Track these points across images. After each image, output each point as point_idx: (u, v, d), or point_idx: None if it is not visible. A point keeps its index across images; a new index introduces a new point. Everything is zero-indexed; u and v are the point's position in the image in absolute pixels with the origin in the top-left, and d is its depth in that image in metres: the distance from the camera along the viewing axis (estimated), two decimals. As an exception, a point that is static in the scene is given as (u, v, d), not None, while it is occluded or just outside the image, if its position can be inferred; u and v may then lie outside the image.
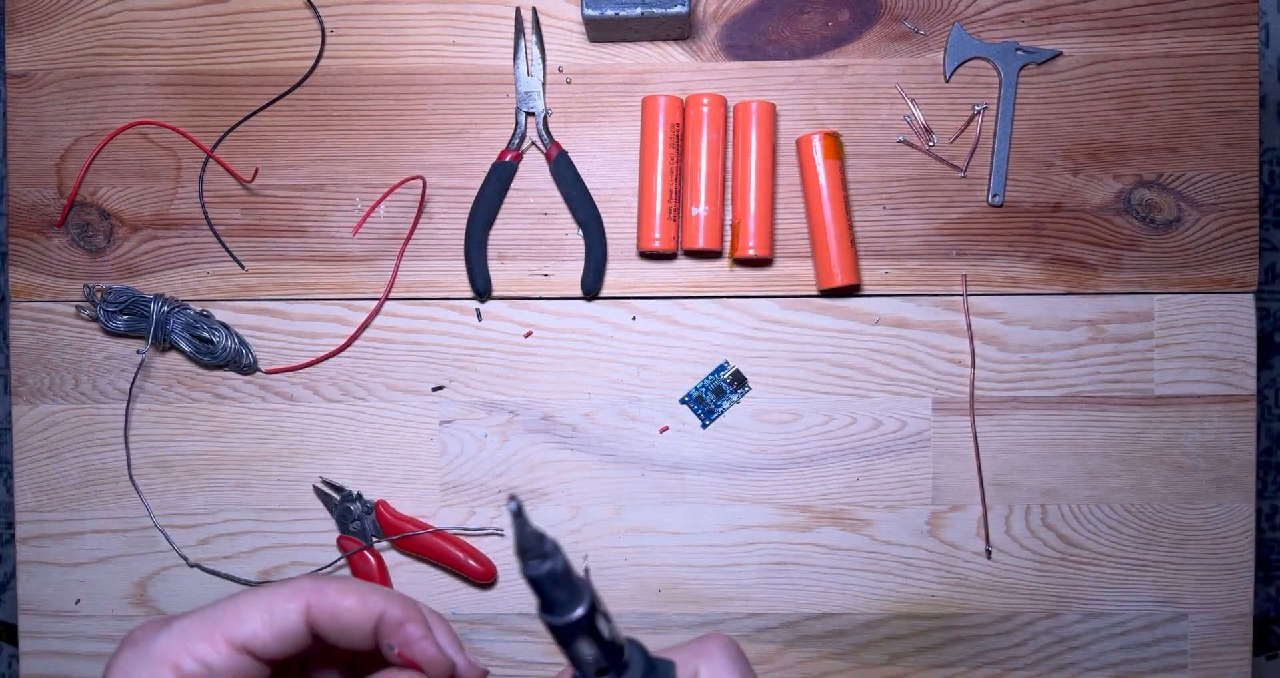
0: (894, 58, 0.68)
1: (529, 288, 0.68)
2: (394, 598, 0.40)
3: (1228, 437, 0.67)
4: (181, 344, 0.66)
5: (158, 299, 0.66)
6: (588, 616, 0.33)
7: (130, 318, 0.66)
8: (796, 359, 0.68)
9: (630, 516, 0.68)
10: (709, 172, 0.66)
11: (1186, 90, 0.67)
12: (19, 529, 0.68)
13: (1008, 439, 0.68)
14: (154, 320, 0.65)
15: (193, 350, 0.66)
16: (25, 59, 0.69)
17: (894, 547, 0.68)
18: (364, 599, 0.39)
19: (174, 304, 0.66)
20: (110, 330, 0.67)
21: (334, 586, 0.40)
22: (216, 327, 0.66)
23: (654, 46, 0.68)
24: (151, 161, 0.69)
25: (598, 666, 0.34)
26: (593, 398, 0.68)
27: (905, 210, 0.68)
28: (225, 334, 0.66)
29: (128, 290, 0.66)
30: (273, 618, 0.39)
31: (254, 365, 0.67)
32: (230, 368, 0.67)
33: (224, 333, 0.66)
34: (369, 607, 0.39)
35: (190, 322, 0.66)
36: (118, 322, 0.66)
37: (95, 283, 0.67)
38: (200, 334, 0.66)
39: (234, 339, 0.66)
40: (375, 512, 0.67)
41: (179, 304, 0.66)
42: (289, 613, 0.39)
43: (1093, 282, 0.68)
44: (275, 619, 0.39)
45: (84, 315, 0.67)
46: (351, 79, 0.68)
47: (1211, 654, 0.67)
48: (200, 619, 0.39)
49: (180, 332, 0.66)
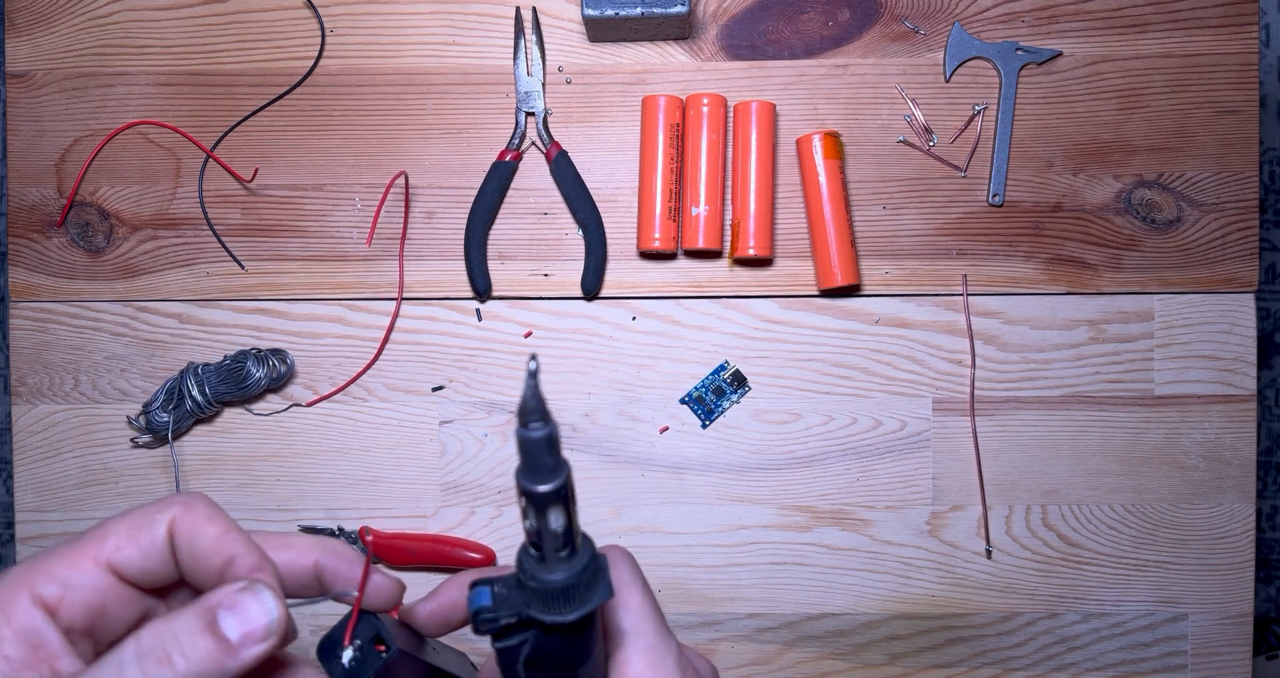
0: (894, 58, 0.68)
1: (529, 288, 0.68)
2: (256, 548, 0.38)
3: (1228, 437, 0.67)
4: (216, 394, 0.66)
5: (186, 375, 0.66)
6: (565, 486, 0.35)
7: (173, 411, 0.66)
8: (796, 359, 0.68)
9: (630, 515, 0.68)
10: (709, 172, 0.66)
11: (1186, 90, 0.67)
12: (19, 529, 0.68)
13: (1008, 439, 0.68)
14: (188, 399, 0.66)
15: (229, 393, 0.66)
16: (25, 59, 0.69)
17: (894, 547, 0.68)
18: (225, 533, 0.37)
19: (200, 372, 0.66)
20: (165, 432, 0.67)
21: (205, 510, 0.37)
22: (246, 359, 0.66)
23: (654, 46, 0.68)
24: (151, 162, 0.69)
25: (560, 540, 0.36)
26: (593, 398, 0.68)
27: (905, 210, 0.68)
28: (255, 364, 0.66)
29: (156, 394, 0.66)
30: (139, 532, 0.37)
31: (288, 371, 0.67)
32: (273, 390, 0.67)
33: (254, 363, 0.66)
34: (226, 541, 0.37)
35: (222, 368, 0.66)
36: (163, 421, 0.66)
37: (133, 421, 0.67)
38: (236, 374, 0.66)
39: (264, 365, 0.66)
40: (360, 540, 0.66)
41: (204, 367, 0.66)
42: (155, 525, 0.37)
43: (1093, 282, 0.68)
44: (140, 533, 0.37)
45: (140, 443, 0.68)
46: (351, 79, 0.68)
47: (1211, 654, 0.67)
48: (66, 543, 0.37)
49: (217, 385, 0.66)
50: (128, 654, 0.33)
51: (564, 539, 0.36)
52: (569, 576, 0.36)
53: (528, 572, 0.36)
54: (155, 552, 0.37)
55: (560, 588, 0.36)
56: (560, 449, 0.35)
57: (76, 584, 0.36)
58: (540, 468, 0.34)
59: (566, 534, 0.36)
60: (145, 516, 0.37)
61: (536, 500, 0.35)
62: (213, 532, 0.37)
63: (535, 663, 0.38)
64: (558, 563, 0.36)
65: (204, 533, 0.37)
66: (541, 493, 0.35)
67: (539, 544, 0.36)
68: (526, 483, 0.35)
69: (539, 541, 0.36)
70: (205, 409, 0.66)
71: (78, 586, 0.36)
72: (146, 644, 0.34)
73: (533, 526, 0.36)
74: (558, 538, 0.36)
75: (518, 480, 0.35)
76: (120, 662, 0.33)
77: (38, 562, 0.36)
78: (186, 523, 0.37)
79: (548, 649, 0.37)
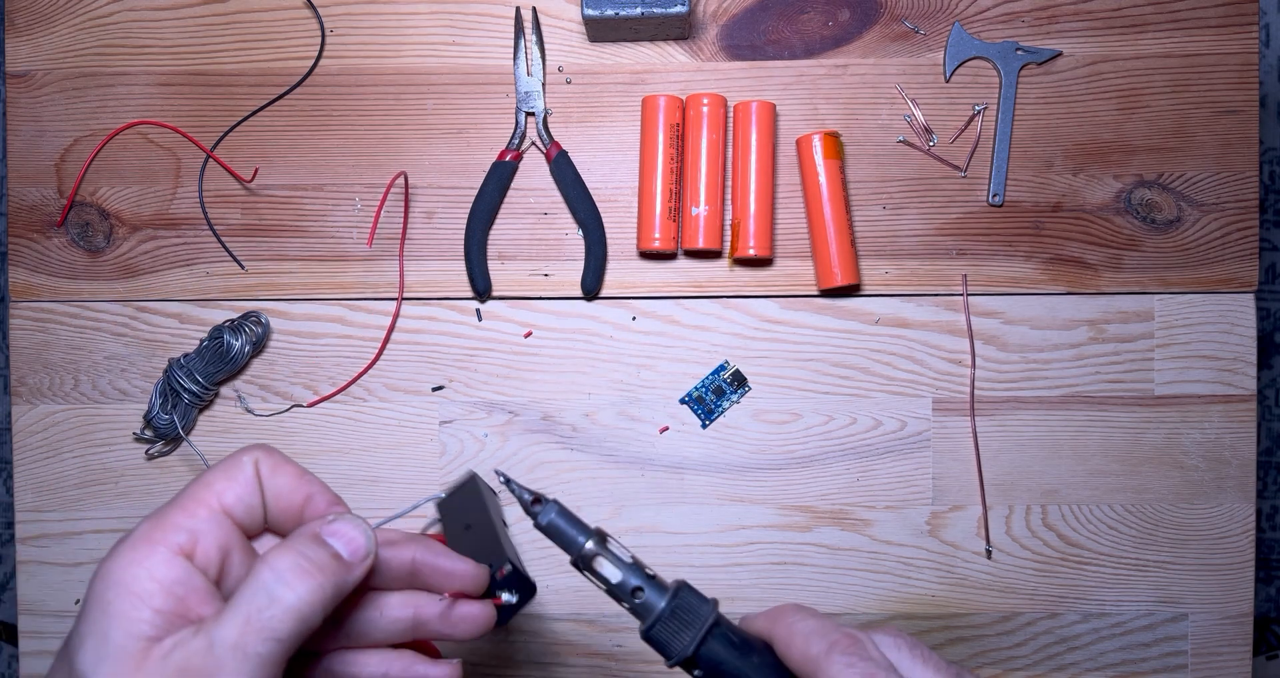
0: (894, 58, 0.68)
1: (529, 288, 0.68)
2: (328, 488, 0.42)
3: (1228, 437, 0.67)
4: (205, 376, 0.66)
5: (170, 368, 0.66)
6: (599, 536, 0.41)
7: (174, 410, 0.66)
8: (796, 359, 0.68)
9: (630, 515, 0.68)
10: (709, 172, 0.66)
11: (1186, 90, 0.67)
12: (19, 529, 0.68)
13: (1008, 439, 0.68)
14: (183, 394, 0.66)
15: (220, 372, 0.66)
16: (25, 59, 0.69)
17: (894, 547, 0.68)
18: (302, 474, 0.42)
19: (184, 362, 0.66)
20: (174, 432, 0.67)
21: (280, 455, 0.42)
22: (223, 333, 0.66)
23: (654, 46, 0.68)
24: (151, 162, 0.69)
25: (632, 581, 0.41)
26: (593, 398, 0.68)
27: (905, 210, 0.68)
28: (232, 335, 0.66)
29: (151, 401, 0.67)
30: (236, 475, 0.40)
31: (265, 330, 0.67)
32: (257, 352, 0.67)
33: (230, 334, 0.66)
34: (304, 481, 0.42)
35: (204, 351, 0.66)
36: (169, 421, 0.66)
37: (139, 433, 0.67)
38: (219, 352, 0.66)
39: (240, 333, 0.66)
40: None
41: (185, 357, 0.66)
42: (245, 467, 0.41)
43: (1093, 282, 0.68)
44: (237, 475, 0.40)
45: (155, 453, 0.68)
46: (351, 79, 0.68)
47: (1211, 654, 0.67)
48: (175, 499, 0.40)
49: (205, 368, 0.66)
50: (267, 576, 0.37)
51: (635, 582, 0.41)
52: (666, 604, 0.40)
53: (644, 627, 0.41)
54: (251, 492, 0.41)
55: (667, 618, 0.40)
56: (575, 516, 0.41)
57: (203, 530, 0.39)
58: (570, 538, 0.41)
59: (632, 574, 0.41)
60: (234, 461, 0.41)
61: (586, 559, 0.41)
62: (292, 471, 0.42)
63: None
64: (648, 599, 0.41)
65: (284, 473, 0.41)
66: (589, 549, 0.41)
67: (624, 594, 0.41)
68: (573, 553, 0.41)
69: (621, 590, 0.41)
70: (204, 396, 0.66)
71: (204, 531, 0.39)
72: (283, 564, 0.37)
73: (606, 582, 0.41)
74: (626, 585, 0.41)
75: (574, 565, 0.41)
76: (263, 583, 0.37)
77: (161, 518, 0.39)
78: (268, 465, 0.41)
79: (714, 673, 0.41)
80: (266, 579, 0.37)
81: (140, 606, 0.36)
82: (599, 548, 0.41)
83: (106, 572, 0.37)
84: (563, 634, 0.68)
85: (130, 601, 0.36)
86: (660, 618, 0.40)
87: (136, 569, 0.37)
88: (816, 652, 0.39)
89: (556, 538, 0.41)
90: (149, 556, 0.37)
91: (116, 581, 0.36)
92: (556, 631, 0.68)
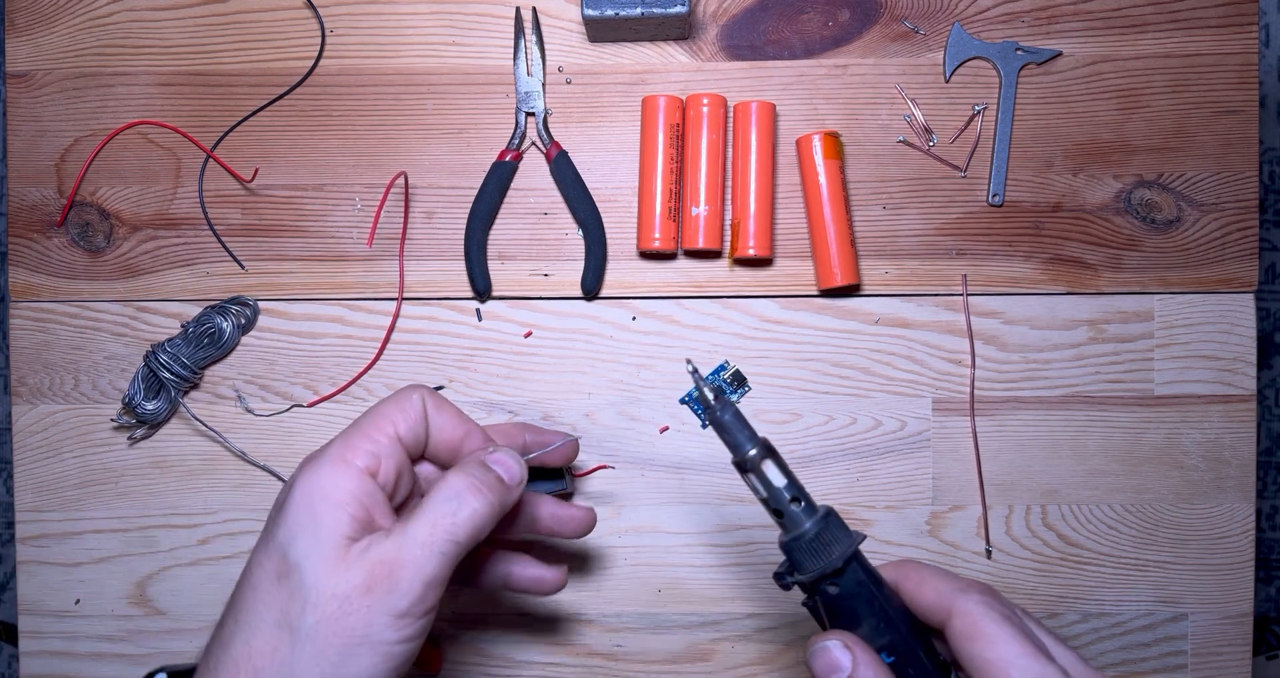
0: (894, 58, 0.68)
1: (529, 288, 0.68)
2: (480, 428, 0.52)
3: (1228, 437, 0.67)
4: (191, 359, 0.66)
5: (151, 355, 0.66)
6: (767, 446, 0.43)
7: (157, 398, 0.67)
8: (796, 359, 0.68)
9: (630, 515, 0.68)
10: (709, 172, 0.66)
11: (1186, 90, 0.67)
12: (19, 529, 0.68)
13: (1008, 439, 0.68)
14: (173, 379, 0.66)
15: (209, 356, 0.67)
16: (25, 59, 0.69)
17: (894, 547, 0.68)
18: (459, 413, 0.51)
19: (169, 347, 0.66)
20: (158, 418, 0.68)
21: (439, 396, 0.51)
22: (213, 316, 0.66)
23: (654, 46, 0.68)
24: (151, 162, 0.69)
25: (788, 495, 0.43)
26: (593, 398, 0.68)
27: (905, 210, 0.68)
28: (222, 318, 0.66)
29: (132, 388, 0.67)
30: (407, 408, 0.48)
31: (254, 312, 0.67)
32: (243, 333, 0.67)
33: (220, 317, 0.66)
34: (461, 420, 0.51)
35: (190, 336, 0.66)
36: (155, 407, 0.67)
37: (118, 419, 0.67)
38: (210, 335, 0.66)
39: (228, 316, 0.67)
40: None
41: (169, 342, 0.66)
42: (415, 403, 0.49)
43: (1093, 282, 0.68)
44: (408, 408, 0.48)
45: (139, 437, 0.68)
46: (351, 79, 0.68)
47: (1211, 654, 0.67)
48: (355, 427, 0.48)
49: (193, 353, 0.66)
50: (448, 492, 0.45)
51: (792, 492, 0.43)
52: (814, 523, 0.42)
53: (788, 537, 0.43)
54: (419, 424, 0.49)
55: (815, 536, 0.42)
56: (748, 422, 0.43)
57: (384, 453, 0.47)
58: (740, 440, 0.43)
59: (790, 488, 0.43)
60: (405, 397, 0.49)
61: (751, 464, 0.42)
62: (451, 411, 0.51)
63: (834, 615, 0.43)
64: (800, 518, 0.43)
65: (446, 412, 0.50)
66: (752, 455, 0.42)
67: (777, 508, 0.43)
68: (737, 455, 0.43)
69: (775, 503, 0.43)
70: (194, 380, 0.66)
71: (385, 454, 0.47)
72: (461, 484, 0.46)
73: (761, 493, 0.43)
74: (785, 494, 0.43)
75: (735, 466, 0.43)
76: (446, 496, 0.45)
77: (349, 441, 0.46)
78: (433, 403, 0.50)
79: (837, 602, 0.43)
80: (449, 494, 0.45)
81: (341, 512, 0.44)
82: (767, 454, 0.43)
83: (310, 483, 0.45)
84: (563, 634, 0.68)
85: (333, 507, 0.44)
86: (807, 535, 0.42)
87: (337, 481, 0.45)
88: (950, 591, 0.42)
89: (729, 436, 0.43)
90: (345, 472, 0.45)
91: (321, 491, 0.44)
92: (556, 631, 0.68)
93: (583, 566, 0.68)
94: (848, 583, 0.42)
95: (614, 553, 0.68)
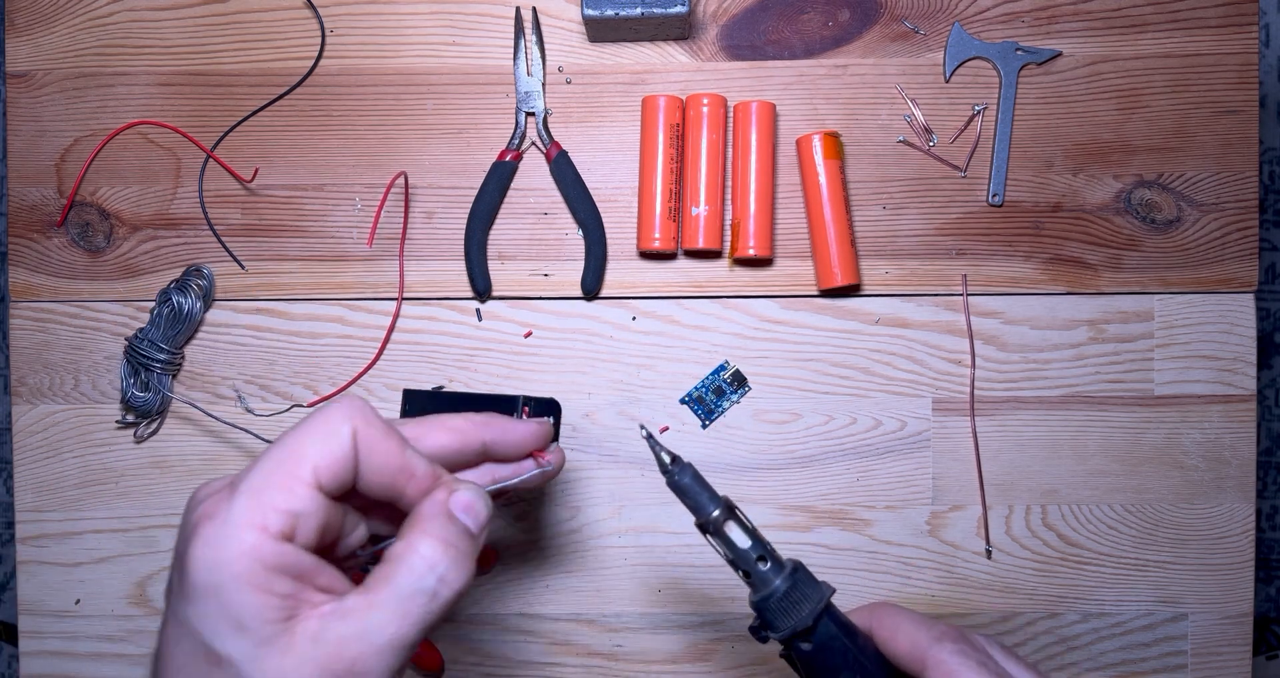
0: (894, 58, 0.68)
1: (529, 288, 0.68)
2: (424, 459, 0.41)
3: (1228, 437, 0.67)
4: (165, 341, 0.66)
5: (129, 347, 0.66)
6: (728, 506, 0.43)
7: (147, 389, 0.67)
8: (796, 359, 0.68)
9: (630, 515, 0.68)
10: (709, 172, 0.66)
11: (1186, 90, 0.67)
12: (19, 529, 0.68)
13: (1008, 439, 0.68)
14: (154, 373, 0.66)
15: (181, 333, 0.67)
16: (25, 59, 0.69)
17: (894, 547, 0.68)
18: (400, 446, 0.40)
19: (143, 335, 0.66)
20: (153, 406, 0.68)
21: (377, 422, 0.39)
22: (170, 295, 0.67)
23: (654, 46, 0.68)
24: (151, 162, 0.69)
25: (754, 554, 0.42)
26: (593, 398, 0.68)
27: (905, 210, 0.68)
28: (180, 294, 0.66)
29: (123, 385, 0.67)
30: (331, 446, 0.38)
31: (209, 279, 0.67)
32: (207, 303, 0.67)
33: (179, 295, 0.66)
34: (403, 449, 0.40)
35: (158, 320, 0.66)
36: (148, 397, 0.67)
37: (121, 420, 0.68)
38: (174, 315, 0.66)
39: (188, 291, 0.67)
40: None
41: (141, 330, 0.67)
42: (341, 437, 0.38)
43: (1093, 282, 0.68)
44: (332, 445, 0.38)
45: (145, 434, 0.68)
46: (351, 79, 0.68)
47: (1211, 654, 0.67)
48: (263, 471, 0.37)
49: (167, 333, 0.66)
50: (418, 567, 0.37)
51: (758, 551, 0.43)
52: (782, 580, 0.42)
53: (757, 597, 0.42)
54: (346, 463, 0.38)
55: (784, 594, 0.42)
56: (707, 483, 0.43)
57: (301, 510, 0.37)
58: (701, 502, 0.43)
59: (755, 546, 0.43)
60: (328, 427, 0.38)
61: (713, 525, 0.43)
62: (388, 443, 0.39)
63: (810, 669, 0.43)
64: (767, 578, 0.42)
65: (381, 444, 0.39)
66: (715, 516, 0.42)
67: (746, 569, 0.43)
68: (699, 517, 0.43)
69: (741, 564, 0.43)
70: (175, 360, 0.67)
71: (302, 511, 0.37)
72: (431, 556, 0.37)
73: (727, 554, 0.43)
74: (751, 554, 0.42)
75: (698, 527, 0.43)
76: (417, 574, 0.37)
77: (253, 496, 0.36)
78: (365, 434, 0.39)
79: (811, 657, 0.43)
80: (422, 568, 0.37)
81: (258, 595, 0.35)
82: (729, 515, 0.43)
83: (209, 558, 0.35)
84: (563, 634, 0.68)
85: (248, 590, 0.35)
86: (776, 593, 0.42)
87: (243, 555, 0.35)
88: (925, 640, 0.41)
89: (688, 499, 0.43)
90: (252, 541, 0.36)
91: (229, 568, 0.35)
92: (556, 631, 0.68)
93: (583, 566, 0.68)
94: (821, 638, 0.42)
95: (614, 553, 0.68)
